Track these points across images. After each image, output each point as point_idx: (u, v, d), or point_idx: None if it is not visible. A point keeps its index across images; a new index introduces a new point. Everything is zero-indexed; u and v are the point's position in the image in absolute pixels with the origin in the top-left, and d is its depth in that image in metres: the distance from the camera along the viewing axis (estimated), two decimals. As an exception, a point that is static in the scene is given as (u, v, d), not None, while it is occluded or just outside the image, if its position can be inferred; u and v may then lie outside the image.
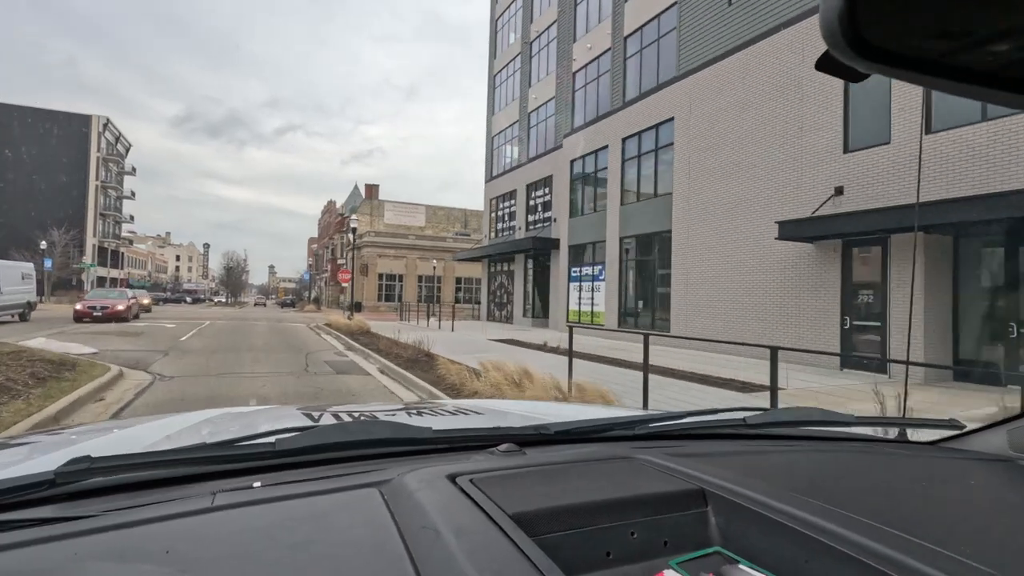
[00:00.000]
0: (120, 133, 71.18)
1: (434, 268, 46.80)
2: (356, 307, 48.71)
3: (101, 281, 66.94)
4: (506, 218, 28.36)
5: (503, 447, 0.96)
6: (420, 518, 0.66)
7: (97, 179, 65.05)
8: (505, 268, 27.70)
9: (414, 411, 1.59)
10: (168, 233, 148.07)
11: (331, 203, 71.46)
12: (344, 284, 25.92)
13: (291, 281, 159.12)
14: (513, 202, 27.45)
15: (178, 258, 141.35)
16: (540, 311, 24.70)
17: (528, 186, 25.65)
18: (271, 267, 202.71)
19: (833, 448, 1.15)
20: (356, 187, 66.13)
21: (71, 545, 0.60)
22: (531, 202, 25.54)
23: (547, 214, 24.12)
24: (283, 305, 72.81)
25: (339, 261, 60.07)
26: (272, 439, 0.86)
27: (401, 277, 48.84)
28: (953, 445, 1.18)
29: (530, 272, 25.17)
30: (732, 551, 0.73)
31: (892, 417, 1.37)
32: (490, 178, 30.06)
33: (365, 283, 47.63)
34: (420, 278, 48.94)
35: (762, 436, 1.19)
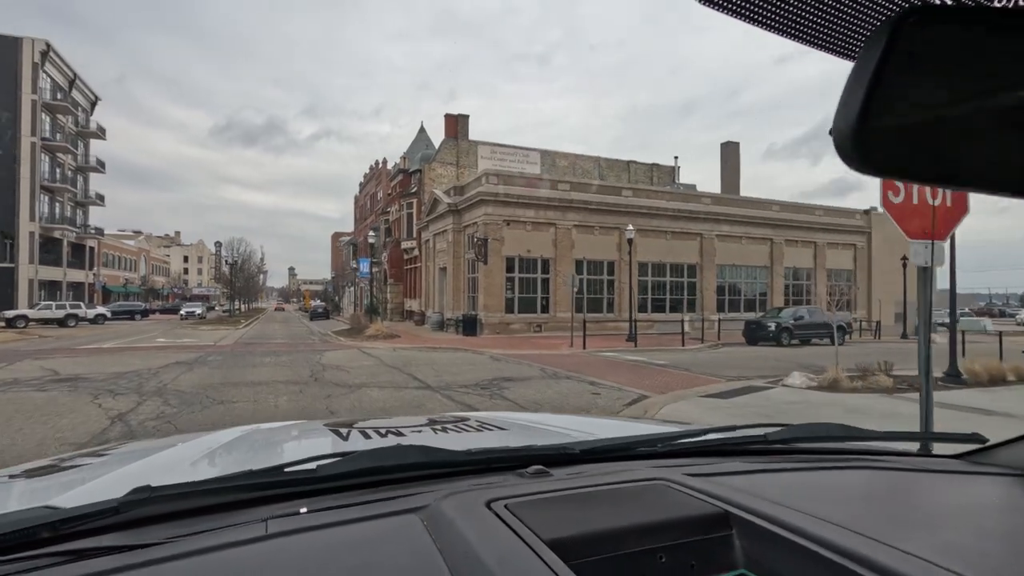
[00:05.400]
0: (76, 74, 49.29)
1: (621, 241, 23.05)
2: (469, 325, 25.74)
3: (50, 287, 45.31)
4: None
5: (532, 469, 0.98)
6: (462, 546, 0.69)
7: (35, 134, 43.27)
8: None
9: (439, 427, 1.60)
10: (177, 232, 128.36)
11: (380, 163, 48.62)
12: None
13: (316, 283, 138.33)
14: None
15: (186, 259, 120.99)
16: None
17: None
18: (291, 269, 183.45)
19: (856, 464, 1.13)
20: (423, 129, 43.08)
21: (143, 574, 0.64)
22: None
23: None
24: (314, 316, 50.12)
25: (404, 244, 37.18)
26: (314, 465, 0.89)
27: (547, 264, 25.54)
28: (977, 459, 1.16)
29: None
30: (757, 573, 0.75)
31: (915, 432, 1.43)
32: None
33: (482, 276, 24.41)
34: (581, 264, 25.65)
35: (783, 452, 1.19)
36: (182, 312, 47.01)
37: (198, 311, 46.55)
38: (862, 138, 0.41)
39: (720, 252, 29.18)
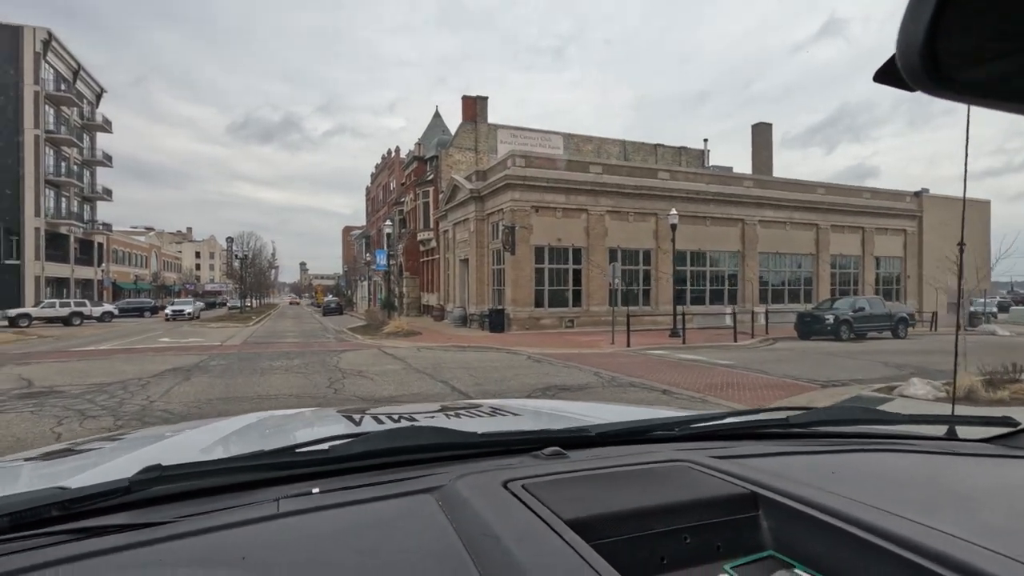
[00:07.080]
0: (80, 65, 47.85)
1: (657, 227, 20.91)
2: (496, 320, 23.87)
3: (57, 284, 44.11)
4: None
5: (548, 451, 0.96)
6: (479, 526, 0.67)
7: (38, 127, 41.91)
8: None
9: (452, 412, 1.56)
10: (189, 228, 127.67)
11: (393, 152, 46.80)
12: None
13: (327, 277, 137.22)
14: None
15: (198, 255, 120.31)
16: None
17: None
18: (303, 264, 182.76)
19: (882, 447, 1.09)
20: (438, 114, 41.10)
21: (154, 551, 0.64)
22: None
23: None
24: (327, 311, 48.55)
25: (421, 236, 35.36)
26: (326, 445, 0.88)
27: (578, 253, 23.56)
28: (1009, 443, 1.11)
29: None
30: (786, 555, 0.73)
31: (942, 415, 1.16)
32: None
33: (509, 268, 22.48)
34: (616, 253, 23.63)
35: (806, 435, 1.16)
36: (168, 312, 37.84)
37: (188, 310, 37.61)
38: (934, 54, 0.34)
39: (763, 239, 27.01)
